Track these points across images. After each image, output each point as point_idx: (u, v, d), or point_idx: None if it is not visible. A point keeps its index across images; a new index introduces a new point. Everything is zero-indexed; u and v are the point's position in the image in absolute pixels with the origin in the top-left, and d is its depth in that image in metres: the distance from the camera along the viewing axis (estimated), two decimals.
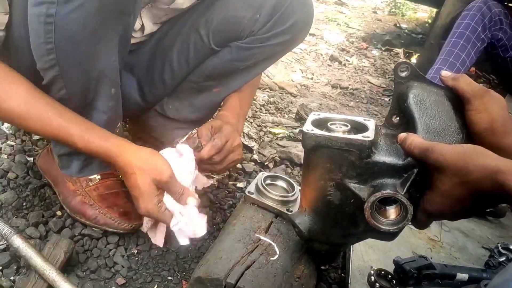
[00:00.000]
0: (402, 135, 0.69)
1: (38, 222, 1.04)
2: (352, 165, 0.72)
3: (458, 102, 0.72)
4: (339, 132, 0.74)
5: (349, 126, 0.75)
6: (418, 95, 0.74)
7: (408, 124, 0.74)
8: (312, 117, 0.80)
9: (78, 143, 0.88)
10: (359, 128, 0.76)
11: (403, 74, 0.76)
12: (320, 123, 0.78)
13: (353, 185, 0.73)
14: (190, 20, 1.13)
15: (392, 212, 0.71)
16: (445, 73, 0.75)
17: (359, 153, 0.71)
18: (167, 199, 0.92)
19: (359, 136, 0.71)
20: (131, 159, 0.90)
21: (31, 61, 0.83)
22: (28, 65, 0.84)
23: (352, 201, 0.74)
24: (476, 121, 0.69)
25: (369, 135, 0.71)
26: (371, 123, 0.76)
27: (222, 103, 1.21)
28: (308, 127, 0.75)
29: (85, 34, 0.79)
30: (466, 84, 0.71)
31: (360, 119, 0.79)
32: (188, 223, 0.92)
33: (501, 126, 0.68)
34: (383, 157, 0.71)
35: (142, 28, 1.08)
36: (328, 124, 0.76)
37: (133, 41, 1.12)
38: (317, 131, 0.73)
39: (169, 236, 1.00)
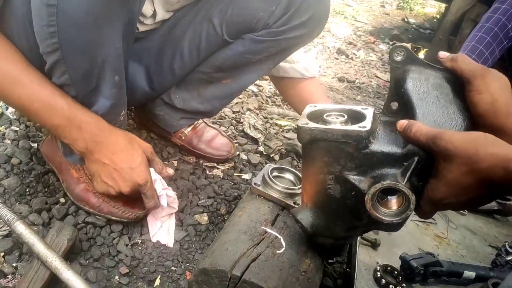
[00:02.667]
0: (403, 122, 0.67)
1: (41, 209, 1.03)
2: (350, 156, 0.70)
3: (458, 84, 0.70)
4: (336, 123, 0.71)
5: (346, 117, 0.72)
6: (415, 79, 0.71)
7: (407, 110, 0.71)
8: (308, 109, 0.77)
9: (61, 116, 0.87)
10: (356, 117, 0.73)
11: (399, 58, 0.74)
12: (317, 115, 0.76)
13: (352, 177, 0.71)
14: (204, 9, 1.10)
15: (394, 202, 0.69)
16: (443, 54, 0.72)
17: (356, 144, 0.68)
18: None
19: (355, 127, 0.68)
20: (118, 137, 0.94)
21: (35, 46, 0.81)
22: (32, 51, 0.83)
23: (353, 193, 0.71)
24: (477, 102, 0.66)
25: (366, 124, 0.68)
26: (369, 112, 0.73)
27: None
28: (302, 121, 0.72)
29: (89, 18, 0.77)
30: (465, 64, 0.68)
31: (357, 108, 0.76)
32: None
33: (503, 106, 0.65)
34: (381, 146, 0.69)
35: (154, 14, 1.06)
36: (324, 115, 0.73)
37: (144, 28, 1.10)
38: (312, 125, 0.71)
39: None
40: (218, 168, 1.37)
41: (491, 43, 2.10)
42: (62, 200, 1.08)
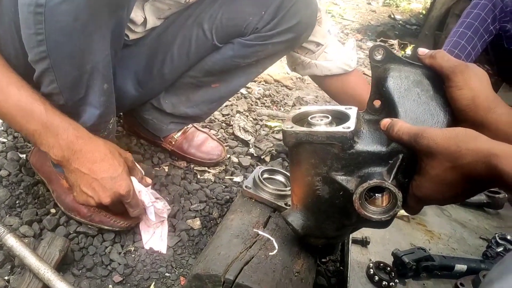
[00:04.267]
0: (386, 121, 0.67)
1: (32, 220, 1.02)
2: (336, 157, 0.70)
3: (438, 80, 0.71)
4: (321, 125, 0.71)
5: (330, 118, 0.73)
6: (395, 77, 0.72)
7: (389, 108, 0.72)
8: (292, 112, 0.78)
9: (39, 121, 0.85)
10: (341, 117, 0.74)
11: (379, 58, 0.75)
12: (301, 118, 0.76)
13: (340, 178, 0.71)
14: (194, 15, 1.11)
15: (382, 200, 0.69)
16: (422, 50, 0.73)
17: (341, 145, 0.69)
18: None
19: (339, 128, 0.69)
20: (97, 146, 0.92)
21: (23, 55, 0.81)
22: (19, 59, 0.82)
23: (341, 193, 0.72)
24: (457, 98, 0.67)
25: (350, 125, 0.69)
26: (352, 111, 0.74)
27: None
28: (287, 124, 0.73)
29: (77, 26, 0.76)
30: (444, 60, 0.69)
31: (341, 108, 0.77)
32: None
33: (484, 101, 0.66)
34: (366, 146, 0.70)
35: (145, 22, 1.06)
36: (309, 118, 0.73)
37: (134, 36, 1.10)
38: (296, 128, 0.71)
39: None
40: (209, 172, 1.37)
41: (472, 37, 2.14)
42: (52, 210, 1.08)
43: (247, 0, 1.08)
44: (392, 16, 4.89)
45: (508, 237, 1.12)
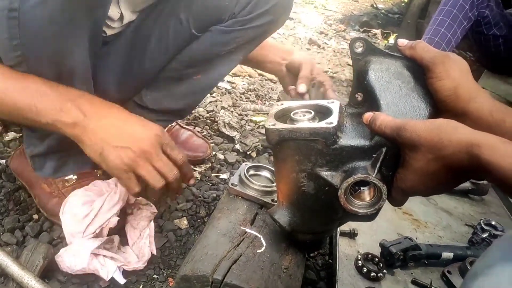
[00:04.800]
0: (369, 114, 0.67)
1: (14, 228, 1.00)
2: (320, 153, 0.70)
3: (419, 71, 0.70)
4: (304, 121, 0.71)
5: (313, 113, 0.72)
6: (376, 70, 0.72)
7: (371, 101, 0.72)
8: (275, 108, 0.77)
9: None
10: (323, 112, 0.74)
11: (359, 50, 0.74)
12: (284, 114, 0.76)
13: (324, 173, 0.71)
14: (169, 5, 1.08)
15: (367, 193, 0.70)
16: (402, 42, 0.73)
17: (325, 141, 0.68)
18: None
19: (322, 124, 0.69)
20: (114, 105, 0.86)
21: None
22: None
23: (326, 189, 0.72)
24: (439, 89, 0.67)
25: (333, 120, 0.69)
26: (335, 105, 0.74)
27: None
28: (270, 121, 0.72)
29: (52, 29, 0.74)
30: (424, 51, 0.69)
31: (323, 102, 0.76)
32: None
33: (465, 91, 0.66)
34: (350, 140, 0.69)
35: (121, 17, 1.04)
36: (291, 114, 0.73)
37: (111, 32, 1.07)
38: (279, 125, 0.71)
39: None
40: (195, 170, 1.36)
41: (452, 24, 2.17)
42: (35, 216, 1.05)
43: None
44: (375, 5, 4.91)
45: (493, 223, 1.14)
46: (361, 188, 0.70)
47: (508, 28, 2.26)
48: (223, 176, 1.37)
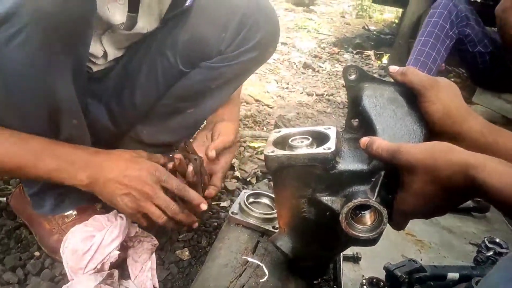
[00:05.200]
0: (365, 139, 0.68)
1: (15, 266, 1.00)
2: (320, 178, 0.71)
3: (412, 95, 0.72)
4: (302, 147, 0.72)
5: (311, 139, 0.74)
6: (370, 96, 0.74)
7: (367, 126, 0.73)
8: (273, 136, 0.79)
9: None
10: (321, 138, 0.75)
11: (352, 77, 0.77)
12: (282, 141, 0.77)
13: (325, 198, 0.72)
14: (155, 43, 1.11)
15: (368, 217, 0.70)
16: (393, 68, 0.75)
17: (323, 166, 0.69)
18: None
19: (320, 149, 0.70)
20: (110, 153, 0.93)
21: None
22: None
23: (327, 214, 0.72)
24: (431, 112, 0.69)
25: (330, 146, 0.70)
26: (332, 131, 0.75)
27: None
28: (268, 149, 0.73)
29: (35, 70, 0.76)
30: (415, 76, 0.71)
31: (320, 128, 0.78)
32: None
33: (456, 113, 0.68)
34: (348, 165, 0.70)
35: (105, 54, 1.06)
36: (289, 140, 0.74)
37: (97, 68, 1.09)
38: (278, 152, 0.72)
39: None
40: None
41: (435, 44, 2.26)
42: (36, 253, 1.05)
43: (205, 23, 1.08)
44: (366, 27, 5.01)
45: (497, 240, 1.12)
46: (362, 212, 0.70)
47: (494, 45, 2.33)
48: (224, 204, 1.37)
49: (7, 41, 0.70)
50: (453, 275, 1.01)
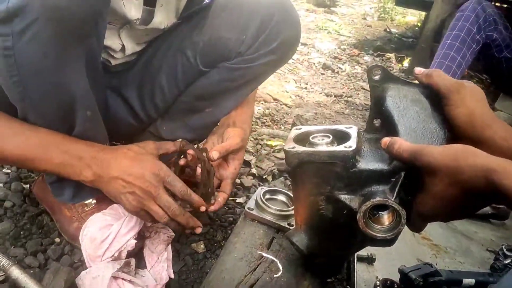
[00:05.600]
0: (387, 139, 0.68)
1: (36, 251, 1.03)
2: (339, 176, 0.71)
3: (436, 98, 0.72)
4: (322, 144, 0.73)
5: (331, 137, 0.74)
6: (394, 96, 0.74)
7: (389, 126, 0.73)
8: (293, 132, 0.79)
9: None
10: (341, 137, 0.75)
11: (377, 78, 0.77)
12: (303, 138, 0.77)
13: (343, 196, 0.72)
14: (176, 42, 1.13)
15: (386, 217, 0.70)
16: (419, 70, 0.75)
17: (344, 164, 0.70)
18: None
19: (341, 147, 0.70)
20: (117, 151, 0.93)
21: (4, 94, 0.82)
22: (2, 98, 0.83)
23: (345, 212, 0.73)
24: (454, 116, 0.69)
25: (351, 144, 0.70)
26: (353, 131, 0.76)
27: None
28: (289, 145, 0.74)
29: (48, 62, 0.77)
30: (441, 79, 0.71)
31: (341, 127, 0.78)
32: None
33: (480, 118, 0.68)
34: (368, 164, 0.70)
35: (123, 48, 1.08)
36: (310, 138, 0.74)
37: (116, 62, 1.11)
38: (298, 148, 0.72)
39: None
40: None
41: (461, 47, 2.21)
42: (57, 240, 1.08)
43: (225, 25, 1.09)
44: (388, 30, 4.95)
45: None
46: (380, 212, 0.70)
47: None
48: (239, 200, 1.38)
49: (20, 34, 0.72)
50: (469, 281, 1.00)
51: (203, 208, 0.97)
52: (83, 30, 0.79)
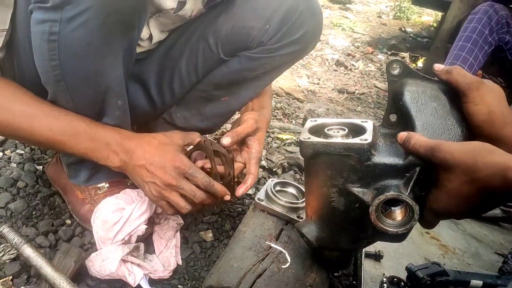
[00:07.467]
0: (403, 134, 0.68)
1: (48, 231, 1.04)
2: (353, 169, 0.71)
3: (455, 95, 0.71)
4: (337, 137, 0.72)
5: (347, 130, 0.74)
6: (412, 92, 0.73)
7: (406, 122, 0.72)
8: (309, 124, 0.79)
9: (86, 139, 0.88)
10: (357, 130, 0.75)
11: (396, 72, 0.76)
12: (318, 130, 0.77)
13: (356, 190, 0.72)
14: (199, 29, 1.13)
15: (398, 213, 0.69)
16: (438, 66, 0.74)
17: (358, 157, 0.69)
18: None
19: (357, 140, 0.69)
20: (143, 139, 0.93)
21: (36, 76, 0.83)
22: (33, 79, 0.85)
23: (357, 205, 0.72)
24: (473, 113, 0.68)
25: (367, 137, 0.70)
26: (368, 124, 0.75)
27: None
28: (305, 135, 0.73)
29: (90, 50, 0.79)
30: (460, 76, 0.70)
31: (357, 121, 0.77)
32: None
33: (499, 117, 0.67)
34: (383, 158, 0.70)
35: (150, 37, 1.09)
36: (325, 129, 0.74)
37: (141, 50, 1.12)
38: (314, 139, 0.72)
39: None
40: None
41: (473, 49, 2.21)
42: (68, 221, 1.09)
43: (250, 14, 1.09)
44: (403, 29, 4.90)
45: None
46: (392, 207, 0.70)
47: None
48: (249, 191, 1.38)
49: (68, 21, 0.73)
50: (476, 282, 0.99)
51: (227, 197, 0.98)
52: (130, 22, 0.81)
